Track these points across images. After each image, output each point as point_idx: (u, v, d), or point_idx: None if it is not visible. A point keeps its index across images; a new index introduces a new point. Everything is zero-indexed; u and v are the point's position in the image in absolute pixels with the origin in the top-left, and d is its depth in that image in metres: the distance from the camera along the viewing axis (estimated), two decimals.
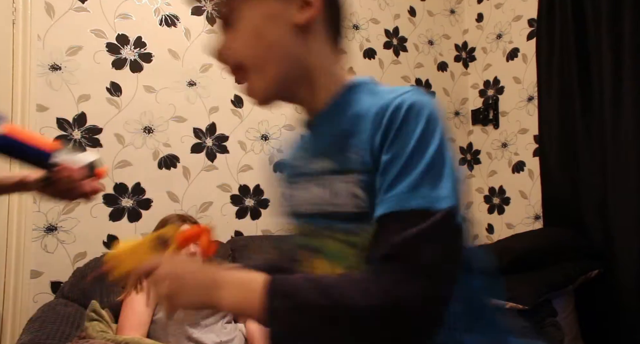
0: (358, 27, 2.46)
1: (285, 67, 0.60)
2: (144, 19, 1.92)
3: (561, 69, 2.14)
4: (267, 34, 0.60)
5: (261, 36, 0.60)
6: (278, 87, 0.62)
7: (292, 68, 0.61)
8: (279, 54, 0.60)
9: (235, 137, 2.07)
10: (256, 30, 0.60)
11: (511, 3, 2.57)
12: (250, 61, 0.60)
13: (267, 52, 0.60)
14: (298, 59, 0.60)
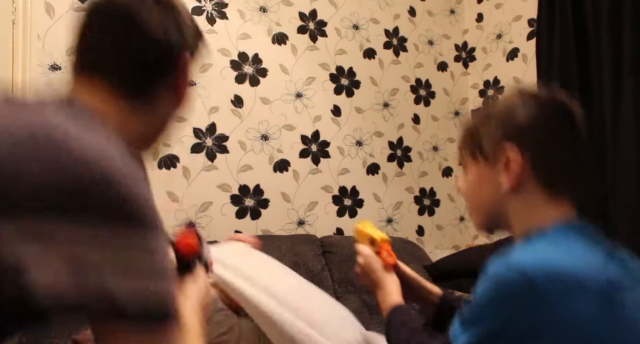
0: (358, 27, 2.46)
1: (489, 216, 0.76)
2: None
3: (561, 69, 2.14)
4: (479, 189, 0.75)
5: (475, 190, 0.76)
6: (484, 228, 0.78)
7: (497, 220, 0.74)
8: (487, 207, 0.75)
9: (235, 137, 2.07)
10: (473, 184, 0.76)
11: (511, 3, 2.57)
12: (469, 205, 0.80)
13: (477, 203, 0.77)
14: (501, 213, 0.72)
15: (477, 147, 0.73)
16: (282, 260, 1.82)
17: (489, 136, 0.72)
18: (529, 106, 0.70)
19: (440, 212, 2.62)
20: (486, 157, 0.72)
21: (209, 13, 2.06)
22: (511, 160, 0.68)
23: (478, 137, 0.74)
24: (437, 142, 2.66)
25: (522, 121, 0.69)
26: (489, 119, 0.73)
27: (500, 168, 0.69)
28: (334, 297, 1.85)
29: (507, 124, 0.70)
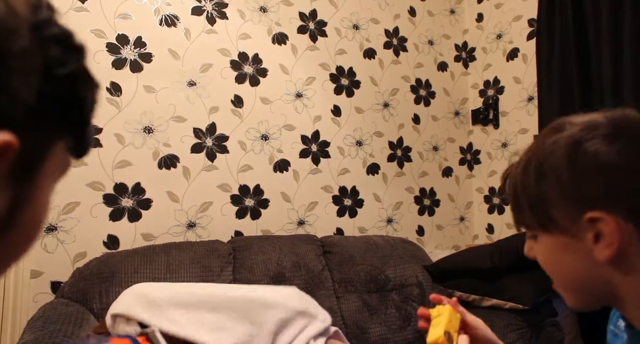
0: (358, 27, 2.46)
1: (590, 295, 0.57)
2: (144, 19, 1.92)
3: (561, 69, 2.14)
4: (565, 264, 0.57)
5: (560, 265, 0.58)
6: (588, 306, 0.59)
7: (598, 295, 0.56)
8: (581, 285, 0.57)
9: (235, 137, 2.07)
10: (553, 258, 0.58)
11: (511, 3, 2.57)
12: (554, 281, 0.60)
13: (568, 280, 0.58)
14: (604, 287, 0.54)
15: (545, 216, 0.55)
16: (282, 260, 1.83)
17: (558, 202, 0.54)
18: (603, 147, 0.51)
19: (440, 212, 2.62)
20: (563, 230, 0.54)
21: (209, 13, 2.06)
22: (604, 233, 0.50)
23: (541, 202, 0.55)
24: (437, 142, 2.66)
25: (604, 170, 0.50)
26: (549, 176, 0.54)
27: (589, 239, 0.52)
28: (335, 297, 1.85)
29: (581, 180, 0.52)
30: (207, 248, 1.76)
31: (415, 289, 1.98)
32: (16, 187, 0.24)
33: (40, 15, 0.24)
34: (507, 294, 1.75)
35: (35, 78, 0.23)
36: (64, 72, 0.25)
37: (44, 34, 0.24)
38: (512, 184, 0.60)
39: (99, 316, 1.46)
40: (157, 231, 1.88)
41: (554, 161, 0.53)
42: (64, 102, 0.26)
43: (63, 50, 0.25)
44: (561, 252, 0.56)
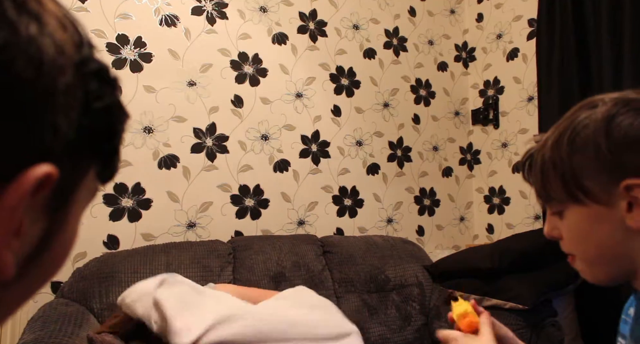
0: (358, 27, 2.46)
1: (613, 267, 0.59)
2: (144, 19, 1.92)
3: (561, 69, 2.14)
4: (593, 235, 0.58)
5: (588, 237, 0.59)
6: (607, 280, 0.61)
7: (620, 267, 0.58)
8: (606, 256, 0.58)
9: (235, 137, 2.07)
10: (582, 232, 0.59)
11: (511, 3, 2.57)
12: (578, 256, 0.61)
13: (595, 252, 0.59)
14: (628, 260, 0.56)
15: (578, 187, 0.57)
16: (282, 260, 1.83)
17: (592, 172, 0.56)
18: (631, 119, 0.53)
19: (440, 212, 2.62)
20: (597, 200, 0.56)
21: (209, 13, 2.06)
22: (638, 200, 0.52)
23: (574, 174, 0.57)
24: (437, 142, 2.66)
25: (635, 143, 0.53)
26: (583, 149, 0.56)
27: (622, 207, 0.54)
28: (335, 297, 1.85)
29: (615, 154, 0.54)
30: (207, 248, 1.76)
31: (415, 289, 1.98)
32: (50, 215, 0.25)
33: (82, 52, 0.26)
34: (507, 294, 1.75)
35: (75, 112, 0.25)
36: (101, 106, 0.27)
37: (85, 70, 0.26)
38: (540, 161, 0.61)
39: (99, 316, 1.46)
40: (157, 231, 1.88)
41: (589, 134, 0.55)
42: (99, 133, 0.27)
43: (100, 84, 0.27)
44: (592, 223, 0.57)
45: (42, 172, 0.22)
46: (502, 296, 1.76)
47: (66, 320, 1.32)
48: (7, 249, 0.22)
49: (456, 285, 1.93)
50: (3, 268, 0.22)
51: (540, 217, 2.34)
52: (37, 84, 0.23)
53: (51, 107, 0.23)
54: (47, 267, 0.27)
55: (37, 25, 0.23)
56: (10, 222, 0.22)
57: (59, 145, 0.24)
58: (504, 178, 2.59)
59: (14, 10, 0.22)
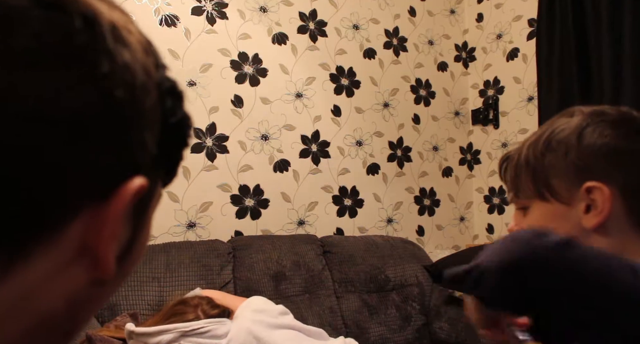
0: (358, 27, 2.46)
1: None
2: (144, 19, 1.92)
3: (561, 69, 2.14)
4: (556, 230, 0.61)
5: None
6: None
7: None
8: None
9: (235, 137, 2.07)
10: (542, 223, 0.62)
11: (511, 3, 2.57)
12: None
13: None
14: None
15: (544, 185, 0.61)
16: (282, 259, 1.83)
17: (559, 172, 0.60)
18: (607, 132, 0.58)
19: (440, 212, 2.62)
20: (559, 198, 0.60)
21: (209, 13, 2.06)
22: (597, 202, 0.57)
23: (543, 172, 0.61)
24: (437, 142, 2.66)
25: (606, 151, 0.57)
26: (555, 150, 0.60)
27: (581, 208, 0.58)
28: (335, 297, 1.85)
29: (584, 157, 0.58)
30: (206, 247, 1.76)
31: (415, 289, 1.98)
32: (136, 221, 0.28)
33: (160, 73, 0.28)
34: None
35: (156, 128, 0.28)
36: (175, 121, 0.29)
37: (162, 89, 0.28)
38: (515, 159, 0.65)
39: (99, 316, 1.46)
40: (157, 231, 1.88)
41: (564, 137, 0.60)
42: (175, 146, 0.30)
43: (173, 100, 0.29)
44: (553, 220, 0.61)
45: (138, 184, 0.25)
46: None
47: None
48: (109, 251, 0.25)
49: None
50: (108, 269, 0.25)
51: None
52: (132, 106, 0.25)
53: (142, 125, 0.26)
54: (130, 266, 0.30)
55: (130, 53, 0.25)
56: (114, 230, 0.25)
57: (147, 159, 0.27)
58: None
59: (112, 41, 0.24)
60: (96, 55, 0.23)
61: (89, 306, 0.28)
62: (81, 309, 0.27)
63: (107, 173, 0.25)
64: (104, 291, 0.29)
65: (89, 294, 0.27)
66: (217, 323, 1.23)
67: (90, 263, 0.25)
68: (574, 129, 0.60)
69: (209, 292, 1.51)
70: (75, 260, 0.25)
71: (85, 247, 0.25)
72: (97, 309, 0.30)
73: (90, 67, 0.23)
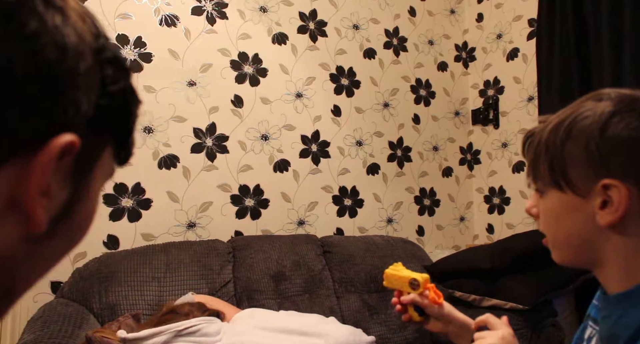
0: (358, 27, 2.46)
1: (577, 253, 0.62)
2: (144, 19, 1.92)
3: (561, 69, 2.14)
4: (565, 221, 0.61)
5: (559, 222, 0.61)
6: (570, 263, 0.64)
7: (584, 255, 0.61)
8: (573, 242, 0.61)
9: (235, 137, 2.07)
10: (555, 214, 0.62)
11: (511, 3, 2.57)
12: (548, 237, 0.64)
13: (562, 236, 0.62)
14: (592, 249, 0.59)
15: (562, 174, 0.59)
16: (282, 259, 1.83)
17: (578, 162, 0.57)
18: (629, 120, 0.54)
19: (440, 212, 2.62)
20: (575, 190, 0.58)
21: (209, 13, 2.06)
22: (614, 199, 0.54)
23: (562, 161, 0.58)
24: (437, 142, 2.66)
25: (628, 146, 0.54)
26: (576, 139, 0.57)
27: (596, 203, 0.56)
28: (335, 297, 1.85)
29: (605, 150, 0.55)
30: (206, 247, 1.76)
31: None
32: (74, 183, 0.30)
33: (99, 41, 0.30)
34: (507, 294, 1.75)
35: (94, 93, 0.29)
36: (116, 89, 0.31)
37: (102, 57, 0.30)
38: (536, 141, 0.62)
39: (99, 316, 1.46)
40: (157, 231, 1.88)
41: (587, 126, 0.56)
42: (115, 113, 0.32)
43: (115, 70, 0.31)
44: (566, 210, 0.60)
45: (66, 140, 0.27)
46: (502, 296, 1.76)
47: (66, 320, 1.32)
48: (38, 205, 0.26)
49: (456, 285, 1.93)
50: (36, 221, 0.26)
51: None
52: (62, 66, 0.27)
53: (74, 86, 0.28)
54: (73, 231, 0.32)
55: (61, 17, 0.27)
56: (40, 182, 0.26)
57: (81, 120, 0.28)
58: (504, 178, 2.59)
59: (42, 5, 0.26)
60: (24, 16, 0.25)
61: (27, 264, 0.29)
62: (18, 266, 0.28)
63: (33, 127, 0.26)
64: (41, 250, 0.30)
65: (25, 250, 0.28)
66: (207, 322, 1.24)
67: (21, 217, 0.26)
68: (598, 117, 0.56)
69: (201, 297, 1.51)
70: (6, 213, 0.26)
71: (15, 201, 0.26)
72: (40, 271, 0.31)
73: (17, 26, 0.25)
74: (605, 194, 0.55)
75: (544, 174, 0.61)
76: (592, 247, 0.59)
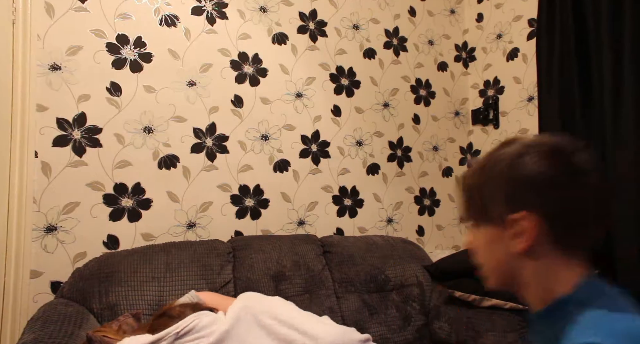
0: (358, 27, 2.46)
1: (505, 279, 0.70)
2: (144, 19, 1.92)
3: (561, 69, 2.14)
4: (492, 252, 0.70)
5: (488, 252, 0.71)
6: (499, 287, 0.72)
7: (510, 280, 0.69)
8: (500, 269, 0.70)
9: (235, 137, 2.07)
10: (486, 246, 0.71)
11: (511, 3, 2.57)
12: (483, 267, 0.73)
13: (492, 264, 0.71)
14: (514, 274, 0.68)
15: (485, 211, 0.68)
16: (282, 259, 1.83)
17: (494, 199, 0.67)
18: (535, 163, 0.63)
19: (440, 212, 2.62)
20: (494, 223, 0.67)
21: (209, 13, 2.06)
22: (524, 227, 0.63)
23: (481, 199, 0.69)
24: (437, 142, 2.66)
25: (532, 182, 0.63)
26: (492, 179, 0.67)
27: (510, 233, 0.65)
28: (335, 297, 1.85)
29: (513, 187, 0.64)
30: (206, 247, 1.76)
31: (415, 289, 1.98)
32: None
33: None
34: (507, 294, 1.75)
35: None
36: None
37: None
38: (465, 184, 0.72)
39: (99, 316, 1.46)
40: (157, 231, 1.88)
41: (499, 168, 0.66)
42: None
43: None
44: (492, 242, 0.69)
45: None
46: (502, 296, 1.76)
47: (66, 320, 1.32)
48: None
49: (456, 285, 1.93)
50: None
51: None
52: None
53: None
54: None
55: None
56: None
57: None
58: None
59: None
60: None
61: None
62: None
63: None
64: None
65: None
66: (198, 317, 1.23)
67: None
68: (508, 160, 0.66)
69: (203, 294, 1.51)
70: None
71: None
72: None
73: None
74: (517, 225, 0.64)
75: (472, 212, 0.71)
76: (514, 273, 0.67)
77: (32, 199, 1.67)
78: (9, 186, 1.61)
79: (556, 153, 0.64)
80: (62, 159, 1.73)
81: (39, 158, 1.70)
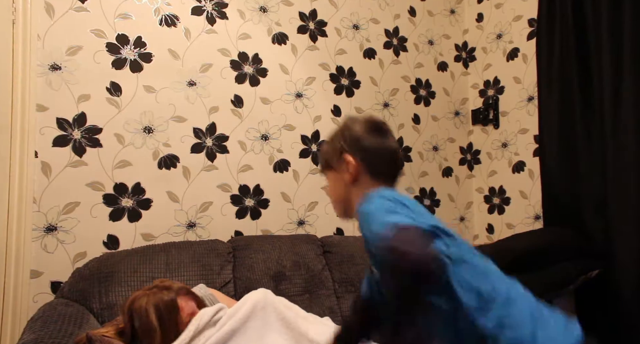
0: (358, 27, 2.46)
1: (344, 206, 1.03)
2: (144, 19, 1.92)
3: (561, 69, 2.14)
4: (336, 189, 1.03)
5: (334, 190, 1.04)
6: (342, 216, 1.05)
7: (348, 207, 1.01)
8: (340, 199, 1.03)
9: (235, 137, 2.07)
10: (332, 186, 1.05)
11: (511, 3, 2.57)
12: (332, 201, 1.07)
13: (336, 196, 1.04)
14: (349, 202, 1.00)
15: (329, 163, 1.04)
16: (282, 259, 1.83)
17: (335, 153, 1.02)
18: (356, 127, 1.02)
19: (440, 212, 2.62)
20: (335, 168, 1.02)
21: (209, 13, 2.06)
22: (349, 164, 0.98)
23: (328, 154, 1.04)
24: (437, 142, 2.66)
25: (353, 137, 1.00)
26: (333, 141, 1.04)
27: (344, 171, 1.00)
28: (335, 297, 1.85)
29: (342, 142, 1.01)
30: (206, 247, 1.76)
31: None
32: None
33: None
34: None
35: None
36: None
37: None
38: (322, 150, 1.09)
39: (99, 316, 1.46)
40: (157, 231, 1.88)
41: (337, 133, 1.04)
42: None
43: None
44: (334, 181, 1.03)
45: None
46: None
47: (66, 320, 1.32)
48: None
49: None
50: None
51: (540, 217, 2.34)
52: None
53: None
54: None
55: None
56: None
57: None
58: (504, 178, 2.59)
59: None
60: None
61: None
62: None
63: None
64: None
65: None
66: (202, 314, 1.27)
67: None
68: (342, 127, 1.03)
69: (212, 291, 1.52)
70: None
71: None
72: None
73: None
74: (346, 164, 0.99)
75: (324, 166, 1.06)
76: (349, 200, 1.00)
77: (32, 199, 1.67)
78: (9, 186, 1.61)
79: (368, 122, 1.03)
80: (62, 159, 1.73)
81: (39, 158, 1.70)
